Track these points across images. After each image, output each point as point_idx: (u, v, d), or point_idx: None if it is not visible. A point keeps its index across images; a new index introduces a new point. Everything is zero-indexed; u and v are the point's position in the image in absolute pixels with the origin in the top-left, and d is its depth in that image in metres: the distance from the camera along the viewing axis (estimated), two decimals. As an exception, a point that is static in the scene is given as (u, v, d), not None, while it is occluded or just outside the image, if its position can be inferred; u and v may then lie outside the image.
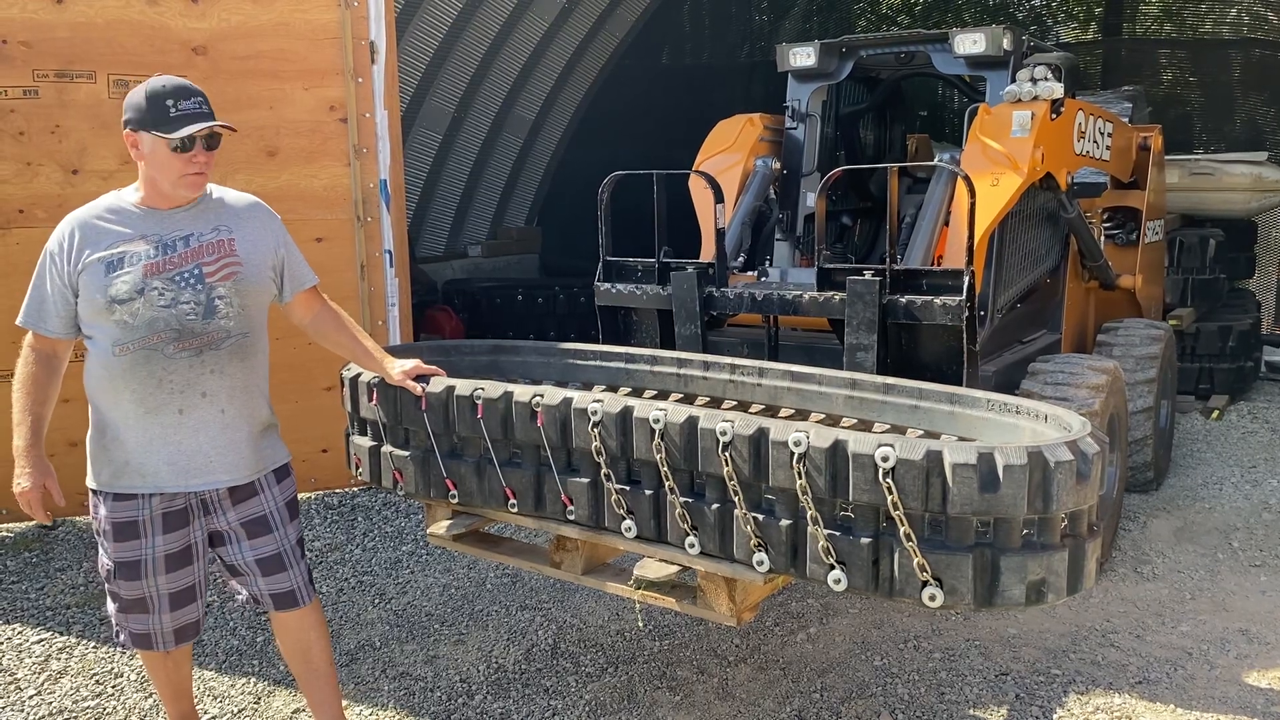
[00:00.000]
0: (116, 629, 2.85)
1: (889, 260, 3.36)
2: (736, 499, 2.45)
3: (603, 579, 2.99)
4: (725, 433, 2.41)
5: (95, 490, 2.74)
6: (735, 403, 3.24)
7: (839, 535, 2.33)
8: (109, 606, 2.85)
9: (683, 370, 3.38)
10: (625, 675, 3.65)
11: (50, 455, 2.72)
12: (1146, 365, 5.21)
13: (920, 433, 2.78)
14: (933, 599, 2.22)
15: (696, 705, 3.43)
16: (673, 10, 13.62)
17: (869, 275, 3.38)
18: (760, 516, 2.45)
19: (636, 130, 12.09)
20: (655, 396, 3.39)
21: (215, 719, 3.45)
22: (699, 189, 4.59)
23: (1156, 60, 12.05)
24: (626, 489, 2.69)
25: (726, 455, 2.42)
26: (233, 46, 5.02)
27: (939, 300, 3.28)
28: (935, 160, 4.53)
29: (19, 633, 4.10)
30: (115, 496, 2.71)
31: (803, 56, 5.05)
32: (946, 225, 4.14)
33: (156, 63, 4.78)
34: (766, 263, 5.00)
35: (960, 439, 2.62)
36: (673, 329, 3.91)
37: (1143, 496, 5.44)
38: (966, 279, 3.24)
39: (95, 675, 3.75)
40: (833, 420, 3.00)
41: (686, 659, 3.74)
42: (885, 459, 2.19)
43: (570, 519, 2.84)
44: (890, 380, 2.93)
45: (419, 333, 7.92)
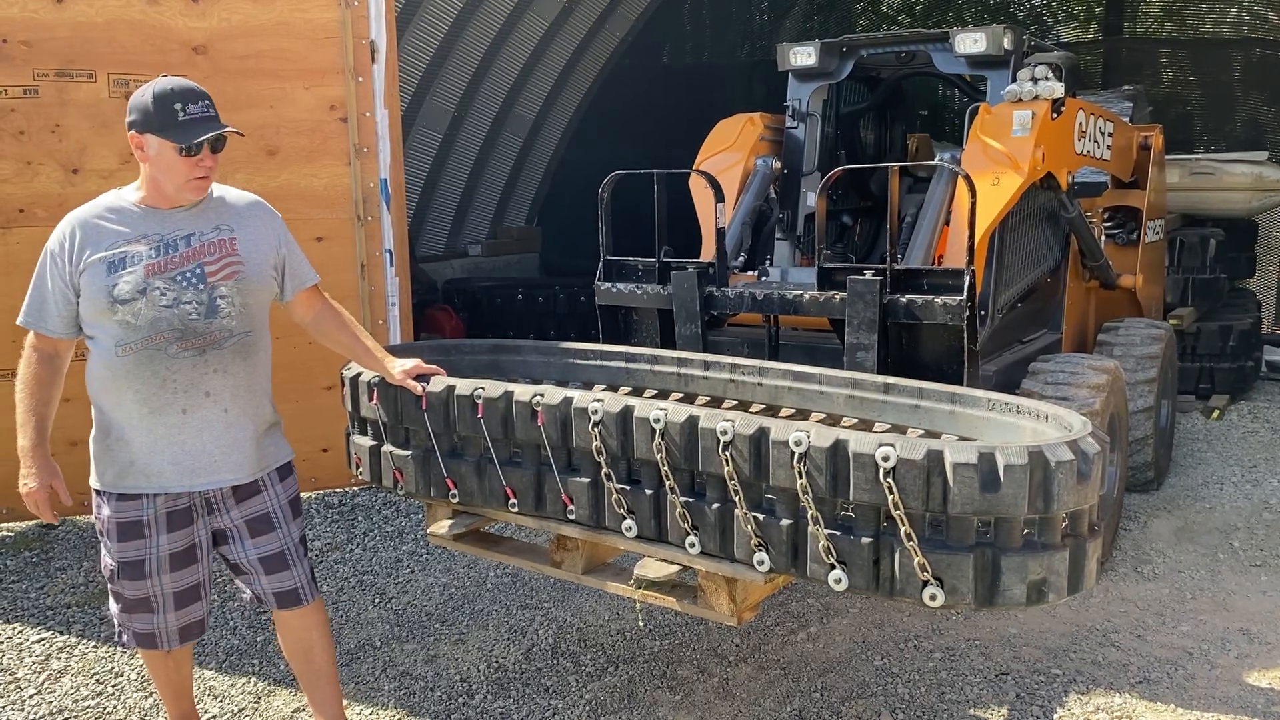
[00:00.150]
0: (119, 629, 2.85)
1: (889, 260, 3.36)
2: (737, 498, 2.45)
3: (603, 578, 2.99)
4: (726, 432, 2.41)
5: (99, 491, 2.74)
6: (736, 402, 3.24)
7: (839, 535, 2.33)
8: (112, 607, 2.84)
9: (683, 370, 3.38)
10: (626, 675, 3.65)
11: (51, 454, 2.72)
12: (1147, 365, 5.21)
13: (921, 432, 2.78)
14: (933, 599, 2.22)
15: (697, 705, 3.43)
16: (673, 9, 13.60)
17: (869, 275, 3.38)
18: (761, 516, 2.45)
19: (637, 130, 12.08)
20: (656, 396, 3.39)
21: (215, 718, 3.45)
22: (699, 188, 4.59)
23: (1157, 60, 12.05)
24: (627, 488, 2.69)
25: (727, 455, 2.41)
26: (233, 46, 5.02)
27: (940, 300, 3.28)
28: (936, 160, 4.53)
29: (19, 632, 4.10)
30: (120, 497, 2.70)
31: (803, 56, 5.04)
32: (947, 225, 4.14)
33: (157, 62, 4.79)
34: (767, 262, 4.99)
35: (961, 439, 2.62)
36: (673, 328, 3.91)
37: (1143, 496, 5.44)
38: (967, 278, 3.24)
39: (95, 674, 3.75)
40: (833, 420, 3.00)
41: (687, 658, 3.74)
42: (886, 458, 2.19)
43: (571, 518, 2.84)
44: (891, 380, 2.93)
45: (419, 332, 7.92)
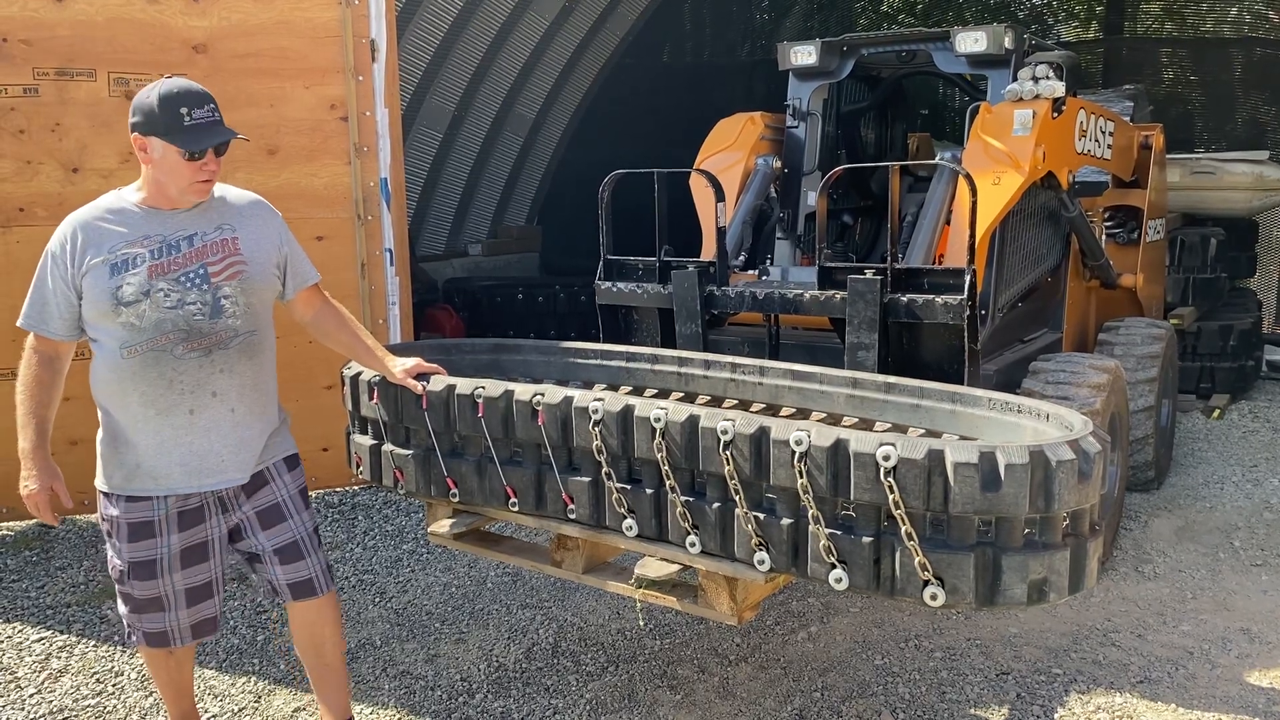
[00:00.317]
0: (129, 630, 2.83)
1: (890, 259, 3.35)
2: (738, 498, 2.45)
3: (604, 578, 2.99)
4: (726, 431, 2.41)
5: (106, 493, 2.73)
6: (736, 402, 3.24)
7: (840, 534, 2.33)
8: (120, 608, 2.83)
9: (684, 369, 3.38)
10: (626, 674, 3.64)
11: (51, 454, 2.71)
12: (1148, 364, 5.21)
13: (922, 432, 2.78)
14: (934, 598, 2.22)
15: (697, 704, 3.43)
16: (673, 9, 13.60)
17: (870, 274, 3.38)
18: (761, 515, 2.44)
19: (637, 129, 12.07)
20: (656, 395, 3.38)
21: (216, 718, 3.45)
22: (700, 188, 4.58)
23: (1158, 59, 12.04)
24: (627, 488, 2.69)
25: (728, 454, 2.41)
26: (233, 45, 5.02)
27: (940, 299, 3.27)
28: (936, 159, 4.52)
29: (19, 631, 4.10)
30: (129, 498, 2.70)
31: (804, 55, 5.04)
32: (948, 224, 4.13)
33: (157, 61, 4.79)
34: (767, 261, 4.99)
35: (962, 438, 2.61)
36: (673, 328, 3.90)
37: (1144, 495, 5.44)
38: (968, 278, 3.24)
39: (96, 674, 3.75)
40: (834, 419, 3.00)
41: (687, 658, 3.74)
42: (887, 458, 2.18)
43: (571, 518, 2.83)
44: (891, 379, 2.93)
45: (419, 331, 7.92)
